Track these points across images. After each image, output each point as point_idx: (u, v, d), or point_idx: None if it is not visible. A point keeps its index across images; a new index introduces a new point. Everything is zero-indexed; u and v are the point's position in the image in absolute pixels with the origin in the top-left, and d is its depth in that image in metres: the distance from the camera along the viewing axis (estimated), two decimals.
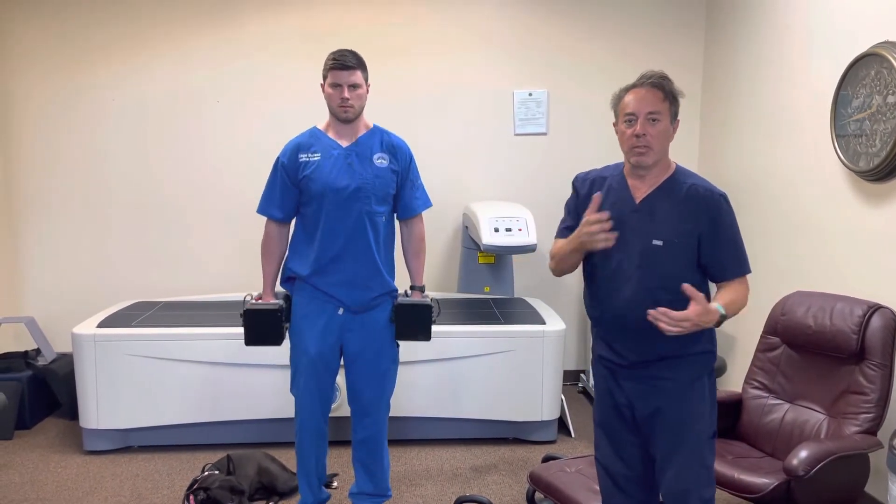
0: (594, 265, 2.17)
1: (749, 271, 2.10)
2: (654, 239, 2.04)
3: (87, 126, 4.44)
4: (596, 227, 2.00)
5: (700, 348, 2.10)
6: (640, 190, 2.10)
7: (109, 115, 4.44)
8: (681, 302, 1.95)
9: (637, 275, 2.05)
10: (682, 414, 2.08)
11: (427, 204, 2.87)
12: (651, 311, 1.92)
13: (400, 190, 2.78)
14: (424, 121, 4.54)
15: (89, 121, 4.44)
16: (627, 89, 2.08)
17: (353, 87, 2.61)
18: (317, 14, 4.44)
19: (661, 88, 2.03)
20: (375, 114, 3.75)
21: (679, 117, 2.10)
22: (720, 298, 2.03)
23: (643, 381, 2.11)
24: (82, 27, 4.37)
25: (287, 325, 2.79)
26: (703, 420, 2.10)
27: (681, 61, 4.53)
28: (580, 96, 4.60)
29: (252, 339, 2.73)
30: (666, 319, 1.90)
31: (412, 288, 2.86)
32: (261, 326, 2.72)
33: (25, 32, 4.36)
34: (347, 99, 2.61)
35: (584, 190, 2.21)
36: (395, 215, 2.84)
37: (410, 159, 2.80)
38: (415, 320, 2.77)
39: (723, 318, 1.98)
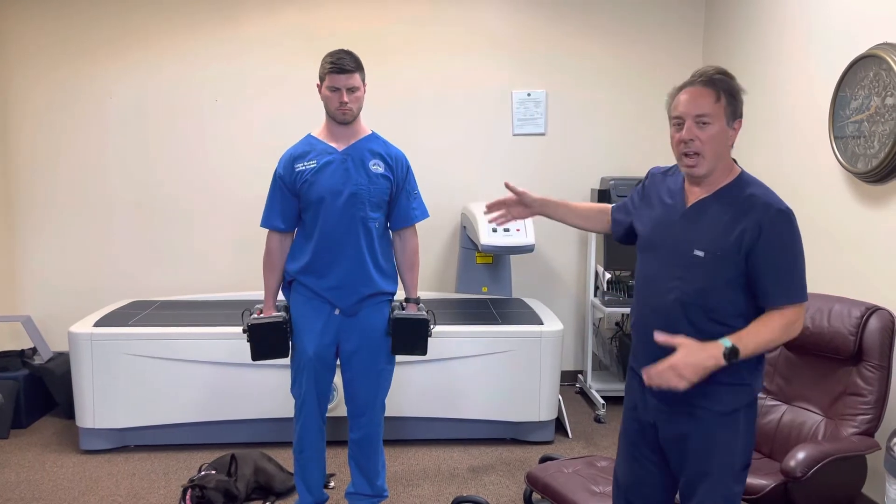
0: (639, 266, 2.04)
1: (799, 300, 1.83)
2: (696, 249, 1.86)
3: (85, 124, 4.43)
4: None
5: (735, 379, 1.88)
6: (694, 194, 1.92)
7: (107, 113, 4.44)
8: (717, 323, 1.85)
9: (675, 285, 1.89)
10: (708, 443, 1.90)
11: (425, 215, 2.85)
12: (645, 372, 1.82)
13: (395, 199, 2.76)
14: (423, 121, 4.54)
15: (87, 119, 4.43)
16: (680, 88, 1.90)
17: (352, 90, 2.61)
18: (316, 13, 4.43)
19: (714, 86, 1.84)
20: (374, 114, 3.75)
21: (742, 116, 1.89)
22: (741, 331, 1.82)
23: (671, 404, 1.94)
24: (81, 25, 4.36)
25: (290, 335, 2.79)
26: (733, 452, 1.91)
27: (680, 62, 4.54)
28: (579, 97, 4.59)
29: (259, 353, 2.73)
30: (649, 376, 1.81)
31: (407, 301, 2.85)
32: (267, 340, 2.72)
33: (24, 31, 4.34)
34: (346, 103, 2.60)
35: (647, 181, 2.10)
36: (389, 225, 2.82)
37: (408, 169, 2.79)
38: (411, 334, 2.77)
39: (732, 352, 1.78)
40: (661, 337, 1.84)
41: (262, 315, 2.76)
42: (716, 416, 1.89)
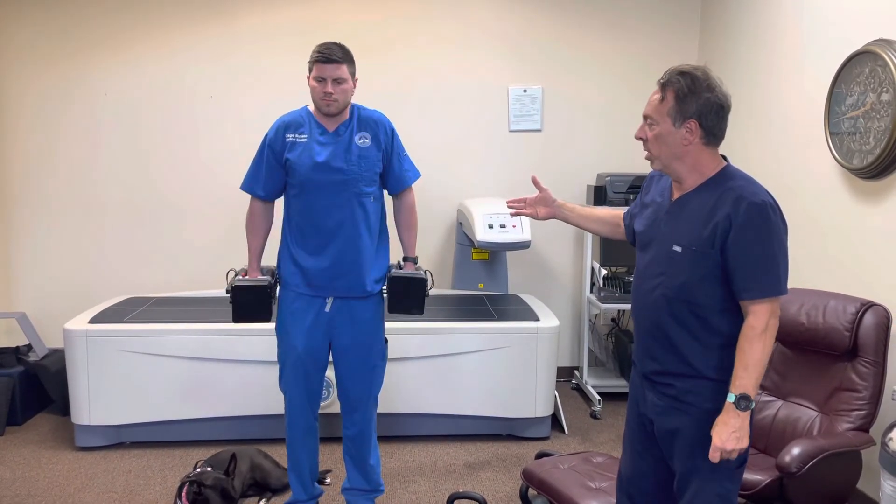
0: (636, 263, 2.07)
1: (772, 294, 1.81)
2: (675, 244, 1.90)
3: (80, 121, 4.42)
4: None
5: (720, 375, 1.88)
6: (678, 191, 1.96)
7: (102, 110, 4.42)
8: (700, 318, 1.87)
9: (659, 281, 1.93)
10: (698, 439, 1.90)
11: (417, 174, 2.84)
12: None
13: (388, 166, 2.74)
14: (419, 116, 4.52)
15: (82, 116, 4.41)
16: None
17: (338, 81, 2.57)
18: (311, 8, 4.41)
19: (663, 87, 1.87)
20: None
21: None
22: (732, 378, 1.82)
23: (662, 398, 1.96)
24: (75, 23, 4.34)
25: (275, 301, 2.75)
26: None
27: (676, 58, 4.51)
28: (575, 93, 4.59)
29: (240, 316, 2.69)
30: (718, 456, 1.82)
31: (405, 259, 2.83)
32: (249, 303, 2.67)
33: (18, 29, 4.32)
34: (331, 94, 2.57)
35: (645, 184, 2.14)
36: (385, 191, 2.80)
37: (393, 132, 2.76)
38: (408, 293, 2.74)
39: (742, 399, 1.79)
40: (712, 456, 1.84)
41: (246, 277, 2.73)
42: (706, 413, 1.89)
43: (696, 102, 1.84)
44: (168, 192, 4.49)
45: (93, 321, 3.60)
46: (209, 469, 2.95)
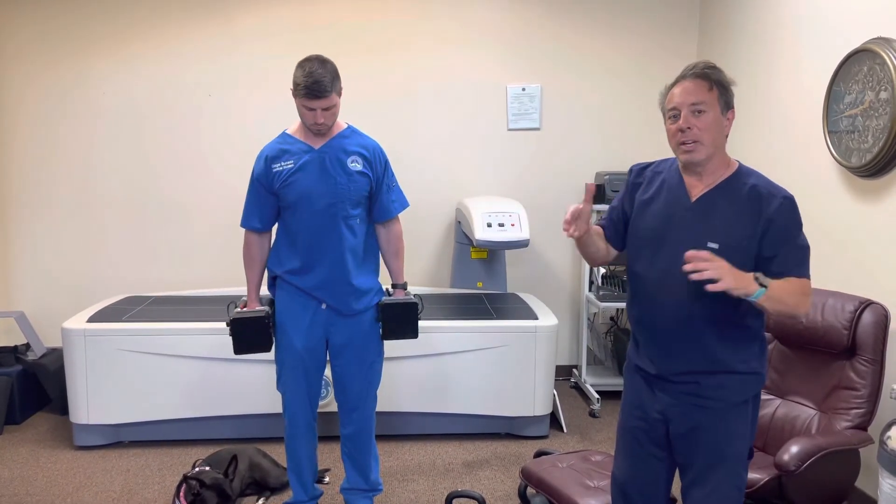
0: (642, 262, 2.02)
1: (807, 277, 1.88)
2: (709, 241, 1.87)
3: (79, 120, 4.41)
4: (566, 225, 1.95)
5: (746, 367, 1.92)
6: (696, 188, 1.94)
7: (101, 108, 4.42)
8: (732, 313, 1.88)
9: (686, 278, 1.85)
10: (722, 434, 1.93)
11: (405, 205, 2.84)
12: (688, 255, 1.74)
13: (376, 194, 2.74)
14: (417, 115, 4.52)
15: (81, 115, 4.41)
16: (673, 84, 1.93)
17: (326, 108, 2.56)
18: (311, 7, 4.41)
19: (706, 78, 1.88)
20: (367, 109, 3.74)
21: (734, 107, 1.94)
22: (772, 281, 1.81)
23: (682, 397, 1.96)
24: (74, 22, 4.34)
25: (273, 329, 2.78)
26: (743, 441, 1.95)
27: (675, 56, 4.53)
28: (574, 91, 4.59)
29: (241, 347, 2.73)
30: (696, 262, 1.71)
31: (394, 286, 2.85)
32: (249, 334, 2.71)
33: (18, 29, 4.32)
34: (321, 121, 2.57)
35: (632, 179, 2.10)
36: (372, 218, 2.80)
37: (385, 162, 2.76)
38: (401, 319, 2.77)
39: (759, 279, 1.77)
40: (690, 253, 1.77)
41: (245, 309, 2.76)
42: (729, 406, 1.93)
43: (732, 94, 1.93)
44: (166, 191, 4.49)
45: (91, 320, 3.60)
46: (207, 468, 2.95)
